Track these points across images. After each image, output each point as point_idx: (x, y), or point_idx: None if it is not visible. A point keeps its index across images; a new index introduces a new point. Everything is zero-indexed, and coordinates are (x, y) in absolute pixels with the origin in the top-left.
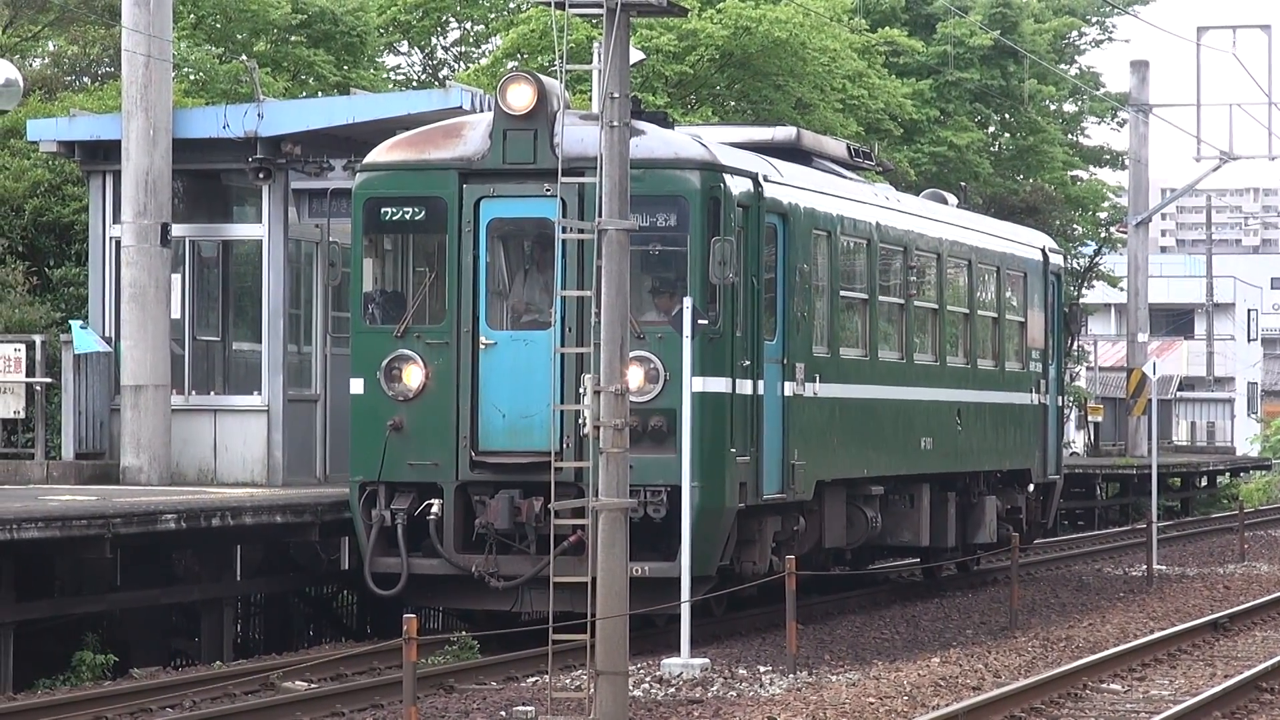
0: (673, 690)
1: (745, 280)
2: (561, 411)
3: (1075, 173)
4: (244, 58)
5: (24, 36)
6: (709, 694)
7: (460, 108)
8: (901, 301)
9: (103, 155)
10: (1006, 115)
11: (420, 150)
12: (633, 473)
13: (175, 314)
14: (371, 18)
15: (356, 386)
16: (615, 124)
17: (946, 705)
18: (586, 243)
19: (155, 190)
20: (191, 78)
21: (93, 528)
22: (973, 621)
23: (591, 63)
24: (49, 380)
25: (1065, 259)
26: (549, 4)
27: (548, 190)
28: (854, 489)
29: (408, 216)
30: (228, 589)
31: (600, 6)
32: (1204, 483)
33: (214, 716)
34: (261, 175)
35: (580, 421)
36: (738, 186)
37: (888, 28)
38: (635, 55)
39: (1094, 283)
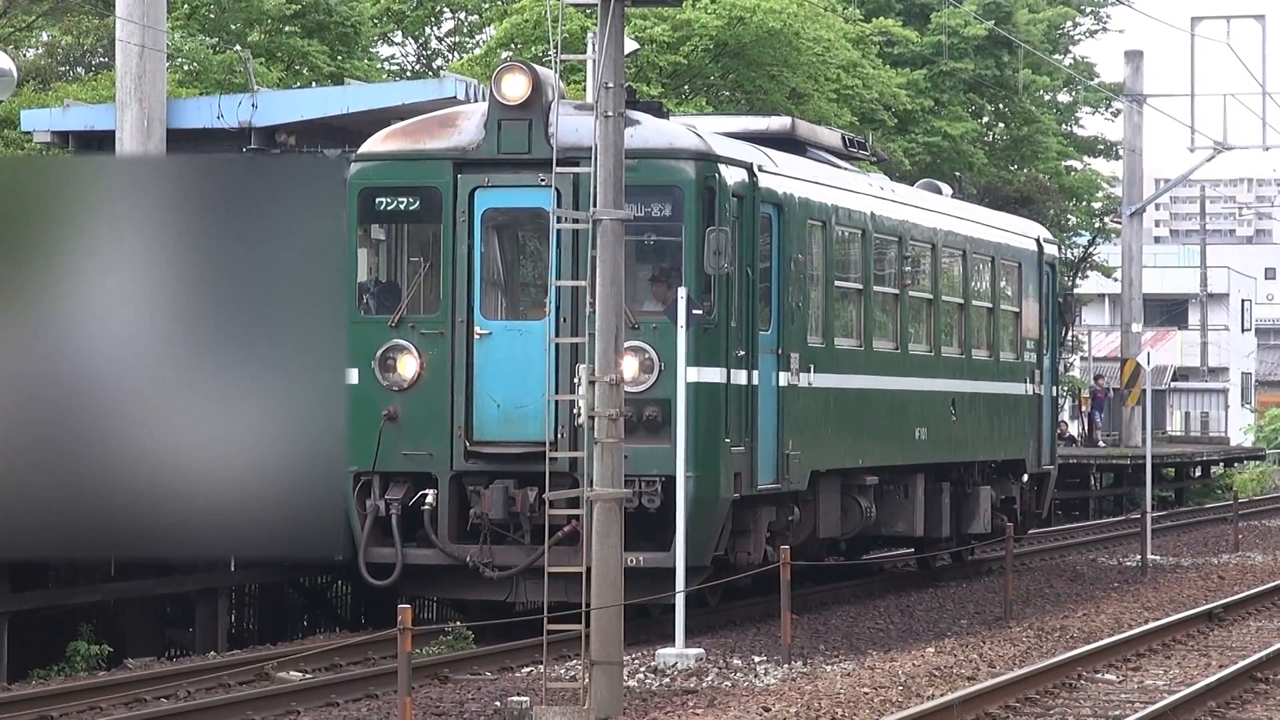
0: (667, 680)
1: (740, 270)
2: (556, 402)
3: (1069, 163)
4: (238, 48)
5: (18, 26)
6: (703, 684)
7: (454, 98)
8: (896, 292)
9: (97, 146)
10: (1001, 105)
11: (415, 140)
12: (627, 463)
13: None
14: (365, 8)
15: (351, 376)
16: (610, 114)
17: (941, 695)
18: (581, 233)
19: None
20: (185, 68)
21: None
22: (967, 611)
23: (586, 53)
24: None
25: (1060, 249)
26: None
27: (542, 180)
28: (848, 479)
29: (402, 206)
30: (222, 579)
31: None
32: (1198, 473)
33: (208, 707)
34: None
35: (575, 412)
36: (733, 176)
37: (882, 18)
38: (629, 45)
39: (1088, 273)
